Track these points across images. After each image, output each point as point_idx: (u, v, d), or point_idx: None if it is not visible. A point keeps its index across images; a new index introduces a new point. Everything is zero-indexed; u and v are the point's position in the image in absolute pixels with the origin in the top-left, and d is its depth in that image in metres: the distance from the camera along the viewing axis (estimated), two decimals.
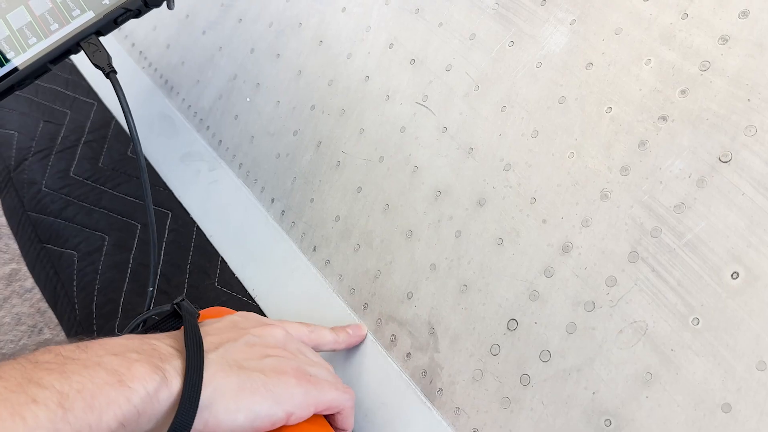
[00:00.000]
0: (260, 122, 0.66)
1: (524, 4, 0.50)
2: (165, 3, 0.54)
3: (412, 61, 0.55)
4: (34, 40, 0.52)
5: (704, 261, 0.37)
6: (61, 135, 0.79)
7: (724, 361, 0.35)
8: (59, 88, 0.84)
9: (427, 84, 0.54)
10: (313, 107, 0.62)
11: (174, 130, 0.74)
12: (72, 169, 0.75)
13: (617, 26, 0.45)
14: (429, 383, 0.46)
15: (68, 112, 0.82)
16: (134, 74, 0.82)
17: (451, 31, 0.54)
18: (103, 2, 0.53)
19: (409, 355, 0.48)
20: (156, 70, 0.80)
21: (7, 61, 0.52)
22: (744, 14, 0.40)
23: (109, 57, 0.52)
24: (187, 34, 0.78)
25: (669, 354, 0.37)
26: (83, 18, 0.53)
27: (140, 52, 0.83)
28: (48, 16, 0.53)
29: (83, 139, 0.78)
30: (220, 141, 0.69)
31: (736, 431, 0.34)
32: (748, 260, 0.36)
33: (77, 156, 0.77)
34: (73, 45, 0.52)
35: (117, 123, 0.79)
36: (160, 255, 0.64)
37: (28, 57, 0.52)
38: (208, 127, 0.71)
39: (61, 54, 0.52)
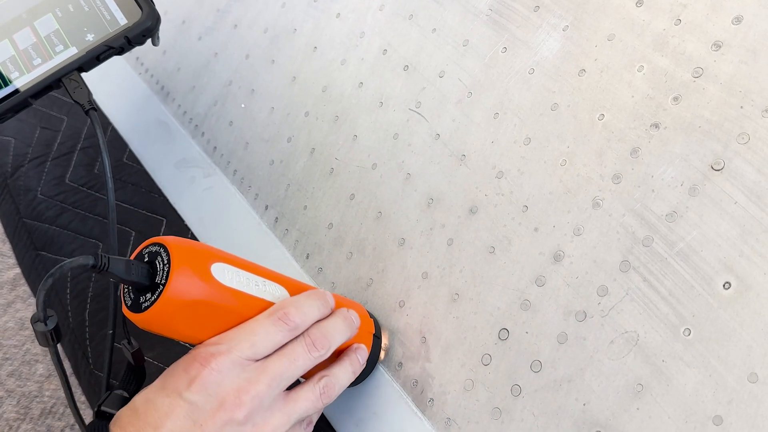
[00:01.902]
0: (255, 128, 0.66)
1: (517, 9, 0.49)
2: (149, 40, 0.54)
3: (406, 68, 0.55)
4: (17, 74, 0.52)
5: (696, 270, 0.36)
6: (58, 141, 0.79)
7: (715, 372, 0.35)
8: (56, 94, 0.84)
9: (420, 90, 0.53)
10: (307, 113, 0.62)
11: (169, 136, 0.74)
12: (68, 175, 0.75)
13: (610, 32, 0.44)
14: (420, 393, 0.46)
15: (65, 118, 0.82)
16: (131, 80, 0.81)
17: (444, 37, 0.53)
18: (87, 39, 0.53)
19: (400, 364, 0.48)
20: (152, 76, 0.80)
21: None
22: (737, 20, 0.39)
23: (89, 94, 0.51)
24: (183, 40, 0.78)
25: (660, 365, 0.36)
26: (66, 54, 0.52)
27: (137, 57, 0.83)
28: (31, 51, 0.53)
29: (79, 145, 0.78)
30: (215, 147, 0.69)
31: None
32: (741, 270, 0.35)
33: (73, 162, 0.76)
34: (54, 81, 0.51)
35: (113, 129, 0.79)
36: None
37: (10, 91, 0.51)
38: (203, 133, 0.71)
39: (42, 89, 0.51)
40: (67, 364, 0.63)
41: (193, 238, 0.66)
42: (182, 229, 0.67)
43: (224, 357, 0.38)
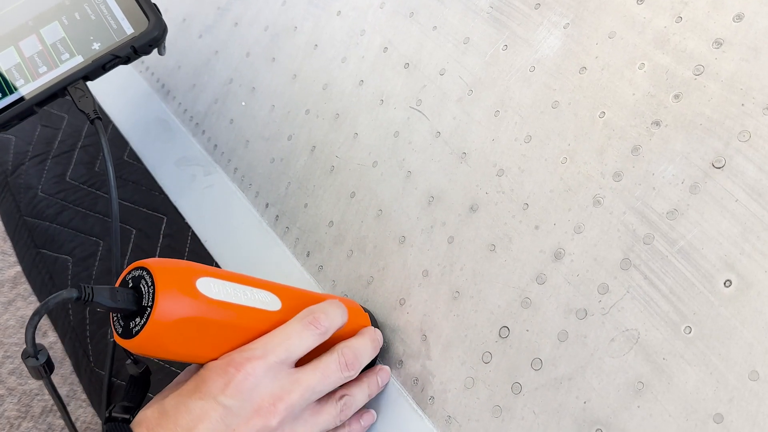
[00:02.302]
0: (255, 126, 0.66)
1: (518, 7, 0.49)
2: (156, 50, 0.54)
3: (406, 65, 0.55)
4: (22, 81, 0.52)
5: (697, 268, 0.36)
6: (58, 139, 0.79)
7: (716, 370, 0.35)
8: None
9: (420, 88, 0.53)
10: (307, 111, 0.62)
11: (170, 134, 0.74)
12: (68, 173, 0.75)
13: (611, 30, 0.44)
14: (420, 391, 0.46)
15: (65, 116, 0.82)
16: (131, 78, 0.81)
17: (445, 35, 0.53)
18: (93, 47, 0.52)
19: (401, 362, 0.48)
20: (153, 74, 0.80)
21: None
22: (738, 17, 0.39)
23: (95, 103, 0.51)
24: (184, 38, 0.78)
25: (661, 363, 0.36)
26: (72, 62, 0.52)
27: None
28: (37, 59, 0.53)
29: (80, 143, 0.78)
30: (216, 145, 0.69)
31: None
32: (742, 268, 0.35)
33: (74, 160, 0.76)
34: (59, 89, 0.51)
35: (114, 127, 0.79)
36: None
37: (15, 99, 0.51)
38: (203, 131, 0.71)
39: (47, 97, 0.51)
40: (67, 362, 0.63)
41: (194, 236, 0.66)
42: (183, 228, 0.67)
43: (259, 361, 0.38)
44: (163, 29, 0.53)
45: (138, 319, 0.36)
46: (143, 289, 0.36)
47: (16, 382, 0.62)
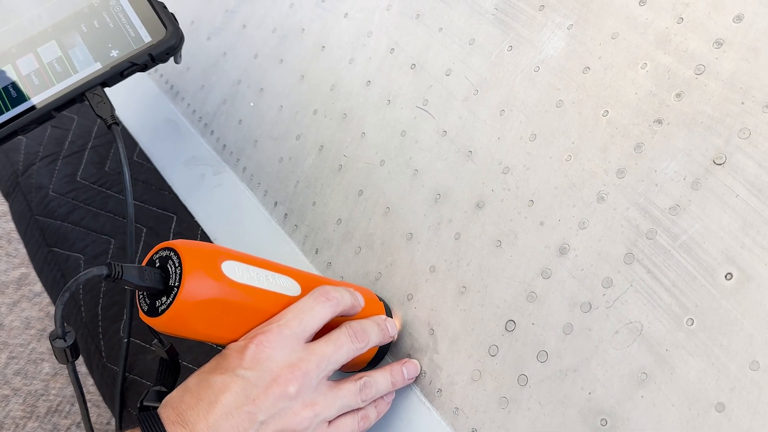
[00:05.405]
0: (263, 126, 0.67)
1: (523, 8, 0.50)
2: (172, 59, 0.55)
3: (413, 66, 0.56)
4: (41, 87, 0.53)
5: (698, 262, 0.37)
6: (68, 140, 0.80)
7: (717, 361, 0.36)
8: None
9: (427, 88, 0.54)
10: (315, 111, 0.63)
11: (179, 134, 0.75)
12: (79, 173, 0.76)
13: (614, 31, 0.45)
14: (428, 384, 0.47)
15: (75, 117, 0.83)
16: (140, 80, 0.82)
17: (450, 36, 0.54)
18: (111, 54, 0.53)
19: (409, 356, 0.48)
20: (161, 75, 0.81)
21: (13, 106, 0.52)
22: (738, 18, 0.40)
23: (112, 108, 0.52)
24: (192, 40, 0.79)
25: (664, 354, 0.37)
26: (90, 69, 0.53)
27: None
28: (56, 65, 0.54)
29: (90, 143, 0.79)
30: (224, 145, 0.70)
31: (729, 430, 0.34)
32: (742, 261, 0.36)
33: (84, 160, 0.77)
34: (77, 95, 0.52)
35: (123, 127, 0.80)
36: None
37: (34, 104, 0.52)
38: (212, 131, 0.72)
39: (65, 103, 0.52)
40: (79, 360, 0.64)
41: (203, 234, 0.67)
42: (192, 226, 0.68)
43: (275, 334, 0.40)
44: (180, 38, 0.54)
45: (164, 299, 0.37)
46: (170, 269, 0.38)
47: (21, 383, 0.63)
